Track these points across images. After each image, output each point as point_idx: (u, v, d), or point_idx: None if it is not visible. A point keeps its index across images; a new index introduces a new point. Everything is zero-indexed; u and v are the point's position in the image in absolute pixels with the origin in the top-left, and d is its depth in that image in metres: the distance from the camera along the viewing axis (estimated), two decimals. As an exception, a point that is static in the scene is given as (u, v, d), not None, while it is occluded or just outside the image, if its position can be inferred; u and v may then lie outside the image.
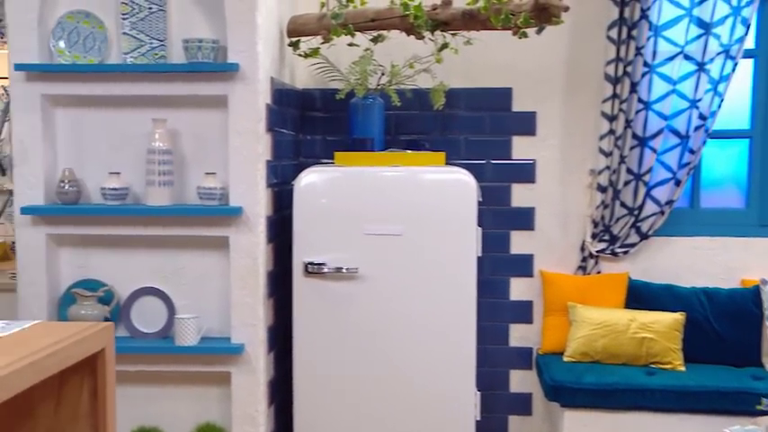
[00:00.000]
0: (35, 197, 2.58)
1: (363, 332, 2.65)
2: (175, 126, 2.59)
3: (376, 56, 2.92)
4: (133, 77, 2.54)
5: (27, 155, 2.57)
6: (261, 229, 2.56)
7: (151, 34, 2.58)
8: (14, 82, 2.57)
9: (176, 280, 2.63)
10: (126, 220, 2.57)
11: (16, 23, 2.54)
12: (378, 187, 2.62)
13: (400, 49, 2.97)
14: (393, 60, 2.97)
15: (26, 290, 2.59)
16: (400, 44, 2.94)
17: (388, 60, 2.99)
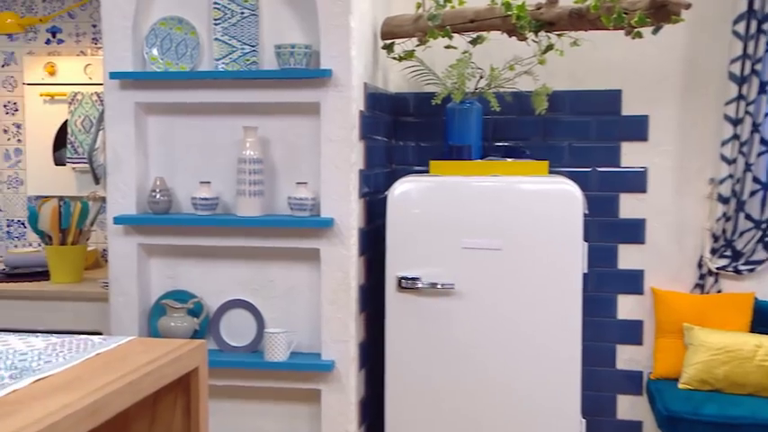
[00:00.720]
0: (127, 206, 2.66)
1: (459, 351, 2.61)
2: (266, 134, 2.63)
3: (474, 57, 2.88)
4: (224, 84, 2.59)
5: (120, 163, 2.65)
6: (353, 242, 2.56)
7: (243, 40, 2.61)
8: (109, 90, 2.65)
9: (266, 293, 2.66)
10: (216, 230, 2.62)
11: (111, 31, 2.63)
12: (476, 198, 2.58)
13: (500, 51, 2.92)
14: (492, 62, 2.92)
15: (117, 300, 2.68)
16: (500, 45, 2.89)
17: (486, 62, 2.94)
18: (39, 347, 1.61)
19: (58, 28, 3.54)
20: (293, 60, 2.52)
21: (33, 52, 3.57)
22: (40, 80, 3.54)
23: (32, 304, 3.02)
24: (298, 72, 2.52)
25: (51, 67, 3.52)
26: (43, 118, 3.55)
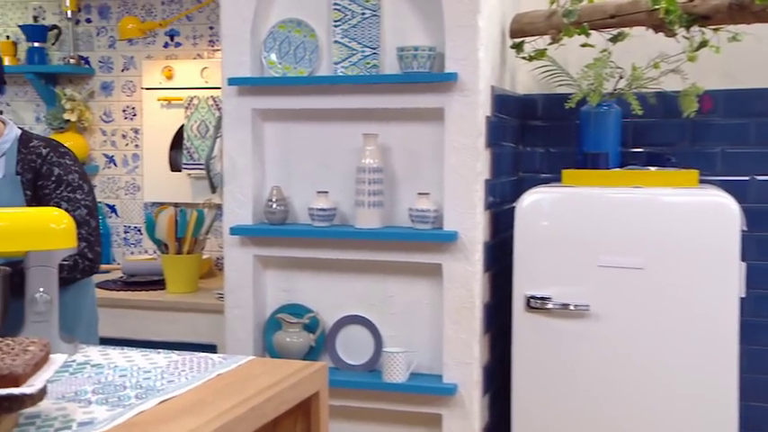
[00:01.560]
0: (244, 216, 2.71)
1: (594, 380, 2.52)
2: (386, 141, 2.62)
3: (613, 56, 2.77)
4: (344, 89, 2.60)
5: (237, 172, 2.71)
6: (477, 257, 2.52)
7: (363, 42, 2.62)
8: (226, 96, 2.72)
9: (384, 309, 2.66)
10: (333, 243, 2.63)
11: (230, 36, 2.70)
12: (614, 212, 2.48)
13: (642, 48, 2.80)
14: (634, 61, 2.80)
15: (232, 312, 2.74)
16: (643, 41, 2.77)
17: (626, 61, 2.82)
18: (161, 365, 1.72)
19: (175, 31, 3.68)
20: (416, 63, 2.51)
21: (152, 56, 3.72)
22: (157, 84, 3.67)
23: (149, 314, 3.14)
24: (421, 76, 2.51)
25: (169, 71, 3.65)
26: (160, 123, 3.68)
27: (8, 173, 2.04)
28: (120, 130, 3.80)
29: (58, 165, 2.04)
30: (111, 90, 3.79)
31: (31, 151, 2.05)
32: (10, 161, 2.05)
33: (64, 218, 1.80)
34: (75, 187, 2.03)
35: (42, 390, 1.35)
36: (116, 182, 3.81)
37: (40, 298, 1.77)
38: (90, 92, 3.80)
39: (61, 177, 2.02)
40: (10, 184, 2.03)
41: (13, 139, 2.08)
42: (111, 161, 3.81)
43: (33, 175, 2.02)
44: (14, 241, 1.76)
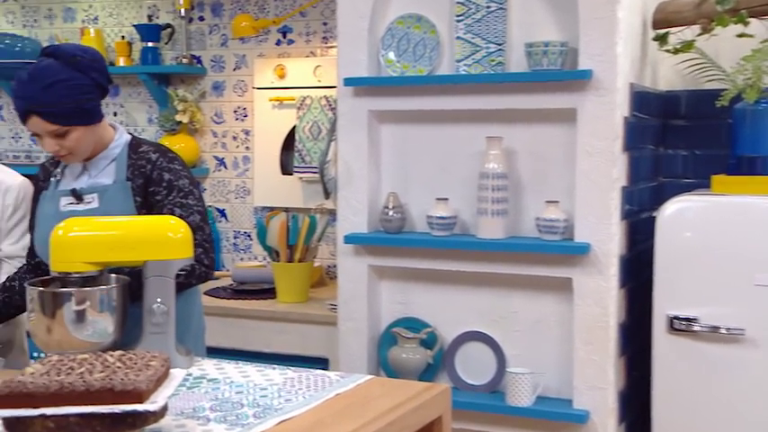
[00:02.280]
0: (358, 224, 2.72)
1: (747, 413, 2.39)
2: (512, 145, 2.58)
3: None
4: (466, 89, 2.57)
5: (352, 177, 2.72)
6: (612, 272, 2.44)
7: (488, 38, 2.58)
8: (342, 98, 2.73)
9: (507, 325, 2.61)
10: (453, 253, 2.61)
11: (346, 33, 2.71)
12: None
13: (808, 36, 2.62)
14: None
15: (346, 325, 2.75)
16: (808, 29, 2.60)
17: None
18: (277, 382, 1.76)
19: (288, 28, 3.72)
20: (546, 60, 2.44)
21: (264, 54, 3.77)
22: (269, 84, 3.72)
23: (260, 324, 3.17)
24: (552, 74, 2.44)
25: (281, 70, 3.70)
26: (271, 124, 3.73)
27: (119, 179, 2.10)
28: (230, 132, 3.88)
29: (168, 170, 2.08)
30: (223, 90, 3.87)
31: (141, 156, 2.10)
32: (120, 167, 2.11)
33: (181, 227, 1.87)
34: (186, 193, 2.07)
35: (164, 407, 1.42)
36: (226, 185, 3.89)
37: (157, 309, 1.84)
38: (201, 92, 3.89)
39: (172, 183, 2.07)
40: (121, 190, 2.08)
41: (124, 145, 2.14)
42: (222, 164, 3.89)
43: (144, 180, 2.07)
44: (133, 250, 1.83)
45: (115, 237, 1.85)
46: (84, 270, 1.82)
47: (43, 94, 1.95)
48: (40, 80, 1.96)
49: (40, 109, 1.96)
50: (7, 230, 2.36)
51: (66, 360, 1.61)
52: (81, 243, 1.83)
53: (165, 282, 1.85)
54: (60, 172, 2.17)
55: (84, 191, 2.10)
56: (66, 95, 1.97)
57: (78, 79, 1.98)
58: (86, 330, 1.81)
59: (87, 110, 2.02)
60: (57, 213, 2.08)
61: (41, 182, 2.21)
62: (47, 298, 1.81)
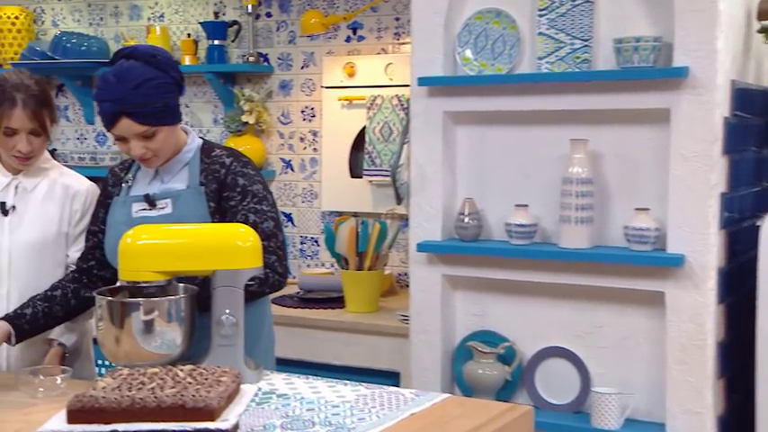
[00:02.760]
0: (432, 231, 2.69)
1: None
2: (598, 148, 2.52)
3: None
4: (548, 88, 2.53)
5: (425, 182, 2.69)
6: (710, 286, 2.36)
7: (573, 33, 2.53)
8: (416, 98, 2.71)
9: (592, 341, 2.56)
10: (533, 263, 2.56)
11: (421, 30, 2.68)
12: None
13: None
14: None
15: (418, 337, 2.73)
16: None
17: None
18: (349, 399, 1.76)
19: (358, 23, 3.71)
20: (637, 57, 2.37)
21: (333, 52, 3.77)
22: (338, 82, 3.72)
23: (328, 335, 3.18)
24: (644, 72, 2.38)
25: (351, 68, 3.69)
26: (340, 124, 3.73)
27: (192, 183, 2.12)
28: (298, 133, 3.89)
29: (242, 175, 2.09)
30: (290, 89, 3.88)
31: (214, 161, 2.13)
32: (193, 172, 2.13)
33: (250, 235, 1.88)
34: (260, 198, 2.08)
35: (236, 425, 1.44)
36: (293, 188, 3.91)
37: (226, 320, 1.85)
38: (268, 91, 3.91)
39: (246, 188, 2.08)
40: (194, 195, 2.10)
41: (196, 149, 2.17)
42: (289, 166, 3.91)
43: (217, 185, 2.08)
44: (201, 260, 1.85)
45: (183, 245, 1.86)
46: (153, 279, 1.85)
47: (133, 95, 1.99)
48: (129, 81, 2.00)
49: (131, 110, 2.00)
50: (74, 237, 2.39)
51: (136, 374, 1.66)
52: (149, 251, 1.85)
53: (234, 292, 1.86)
54: (132, 177, 2.20)
55: (158, 196, 2.12)
56: (155, 94, 2.01)
57: (162, 78, 2.03)
58: (154, 341, 1.83)
59: (172, 109, 2.07)
60: (128, 219, 2.11)
61: (110, 187, 2.25)
62: (115, 308, 1.85)
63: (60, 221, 2.37)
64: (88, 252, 2.23)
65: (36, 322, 2.18)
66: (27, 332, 2.17)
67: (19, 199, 2.36)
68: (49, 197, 2.38)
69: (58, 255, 2.37)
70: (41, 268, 2.33)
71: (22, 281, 2.30)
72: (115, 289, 1.94)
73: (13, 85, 2.27)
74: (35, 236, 2.34)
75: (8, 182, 2.37)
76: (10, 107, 2.25)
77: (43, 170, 2.40)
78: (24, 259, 2.33)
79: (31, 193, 2.37)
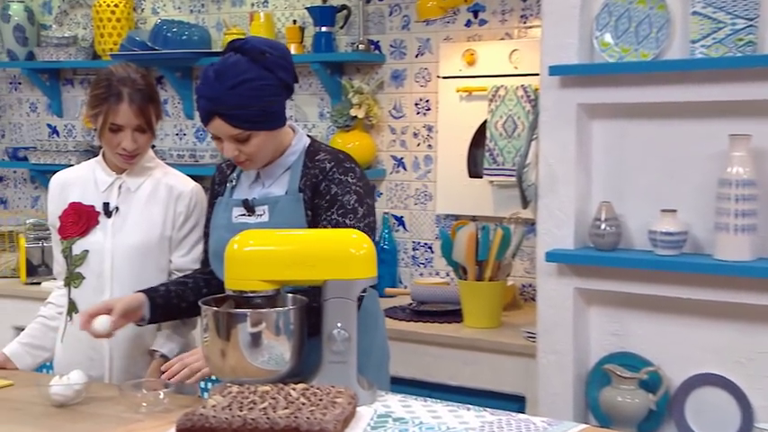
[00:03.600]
0: (563, 239, 2.64)
1: None
2: (762, 144, 2.41)
3: None
4: (703, 76, 2.44)
5: (555, 183, 2.64)
6: None
7: (735, 11, 2.42)
8: (546, 89, 2.65)
9: (755, 369, 2.46)
10: (682, 277, 2.48)
11: (553, 12, 2.62)
12: None
13: None
14: None
15: (547, 358, 2.67)
16: None
17: None
18: (473, 426, 1.73)
19: (480, 5, 3.65)
20: (813, 39, 2.21)
21: (451, 38, 3.72)
22: (456, 72, 3.67)
23: (443, 352, 3.13)
24: (820, 56, 2.23)
25: (470, 56, 3.63)
26: (458, 118, 3.68)
27: (291, 189, 2.13)
28: (411, 128, 3.86)
29: (338, 183, 2.10)
30: (403, 80, 3.85)
31: (316, 165, 2.13)
32: (294, 176, 2.14)
33: (364, 242, 1.90)
34: (347, 210, 2.08)
35: None
36: (405, 189, 3.88)
37: (338, 335, 1.86)
38: (379, 82, 3.89)
39: (336, 198, 2.08)
40: (292, 202, 2.11)
41: (301, 151, 2.17)
42: (400, 164, 3.88)
43: (312, 193, 2.10)
44: (313, 268, 1.88)
45: (293, 252, 1.89)
46: (260, 289, 1.87)
47: (229, 96, 2.01)
48: (227, 79, 2.01)
49: (224, 111, 2.02)
50: (178, 241, 2.45)
51: (246, 392, 1.70)
52: (257, 259, 1.88)
53: (347, 304, 1.88)
54: (236, 177, 2.24)
55: (256, 202, 2.16)
56: (252, 97, 2.02)
57: (265, 79, 2.03)
58: (262, 356, 1.86)
59: (272, 113, 2.07)
60: (229, 224, 2.15)
61: (217, 185, 2.28)
62: (222, 318, 1.87)
63: (164, 224, 2.43)
64: (206, 258, 2.29)
65: (169, 300, 2.23)
66: (160, 308, 2.21)
67: (122, 200, 2.44)
68: (153, 198, 2.44)
69: (161, 260, 2.43)
70: (144, 274, 2.39)
71: (124, 288, 2.36)
72: (221, 298, 1.97)
73: (120, 80, 2.34)
74: (138, 239, 2.41)
75: (111, 181, 2.46)
76: (116, 102, 2.32)
77: (147, 169, 2.47)
78: (127, 264, 2.40)
79: (134, 194, 2.44)
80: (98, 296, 2.37)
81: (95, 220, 2.44)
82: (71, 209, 2.46)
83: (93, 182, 2.47)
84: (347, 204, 2.08)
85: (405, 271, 3.86)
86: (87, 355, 2.41)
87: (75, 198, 2.47)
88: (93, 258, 2.41)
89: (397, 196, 3.89)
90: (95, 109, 2.36)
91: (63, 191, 2.50)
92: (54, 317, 2.54)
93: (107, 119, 2.33)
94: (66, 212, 2.46)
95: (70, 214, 2.46)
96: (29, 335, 2.54)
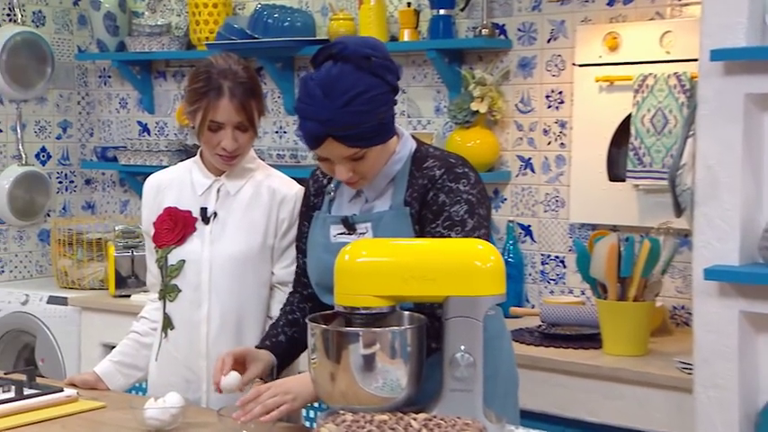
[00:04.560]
0: (725, 253, 2.51)
1: None
2: None
3: None
4: None
5: (716, 188, 2.53)
6: None
7: None
8: (706, 77, 2.53)
9: None
10: None
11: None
12: None
13: None
14: None
15: (707, 394, 2.55)
16: None
17: None
18: None
19: (626, -19, 3.61)
20: None
21: (590, 19, 3.66)
22: (596, 59, 3.61)
23: (580, 383, 3.06)
24: None
25: (613, 40, 3.56)
26: (597, 113, 3.61)
27: (396, 203, 2.14)
28: (541, 124, 3.80)
29: (447, 191, 2.10)
30: (532, 69, 3.81)
31: (424, 174, 2.13)
32: (399, 188, 2.15)
33: (491, 254, 1.90)
34: (454, 222, 2.08)
35: None
36: (532, 194, 3.84)
37: (461, 359, 1.86)
38: (504, 72, 3.83)
39: (443, 208, 2.09)
40: (398, 217, 2.12)
41: (407, 159, 2.17)
42: (528, 165, 3.84)
43: (420, 205, 2.12)
44: (433, 283, 1.87)
45: (411, 264, 1.88)
46: (374, 305, 1.88)
47: (343, 114, 2.01)
48: (337, 96, 2.01)
49: (340, 132, 2.02)
50: (281, 250, 2.47)
51: (362, 421, 1.75)
52: (370, 271, 1.88)
53: (472, 325, 1.86)
54: (334, 188, 2.26)
55: (357, 219, 2.17)
56: (369, 111, 2.03)
57: (377, 87, 2.04)
58: (375, 381, 1.87)
59: (388, 123, 2.09)
60: (327, 243, 2.18)
61: (312, 196, 2.32)
62: (331, 338, 1.90)
63: (266, 232, 2.44)
64: (300, 275, 2.35)
65: (289, 350, 2.30)
66: (285, 362, 2.31)
67: (221, 204, 2.47)
68: (255, 203, 2.46)
69: (263, 271, 2.46)
70: (244, 287, 2.44)
71: (223, 302, 2.43)
72: (330, 315, 1.99)
73: (220, 72, 2.36)
74: (239, 248, 2.44)
75: (209, 184, 2.49)
76: (216, 97, 2.34)
77: (248, 171, 2.49)
78: (227, 275, 2.44)
79: (234, 198, 2.48)
80: (195, 311, 2.42)
81: (192, 227, 2.47)
82: (166, 214, 2.49)
83: (190, 184, 2.50)
84: (455, 216, 2.08)
85: (532, 288, 3.83)
86: (184, 377, 2.45)
87: (171, 202, 2.51)
88: (189, 269, 2.45)
89: (523, 202, 3.86)
90: (194, 105, 2.38)
91: (158, 194, 2.54)
92: (147, 333, 2.58)
93: (206, 116, 2.34)
94: (161, 218, 2.49)
95: (165, 220, 2.49)
96: (121, 352, 2.59)
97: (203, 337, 2.42)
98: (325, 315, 1.98)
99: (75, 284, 4.37)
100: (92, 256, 4.41)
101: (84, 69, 4.91)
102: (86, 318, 4.17)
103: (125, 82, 4.75)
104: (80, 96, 4.89)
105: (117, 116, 4.86)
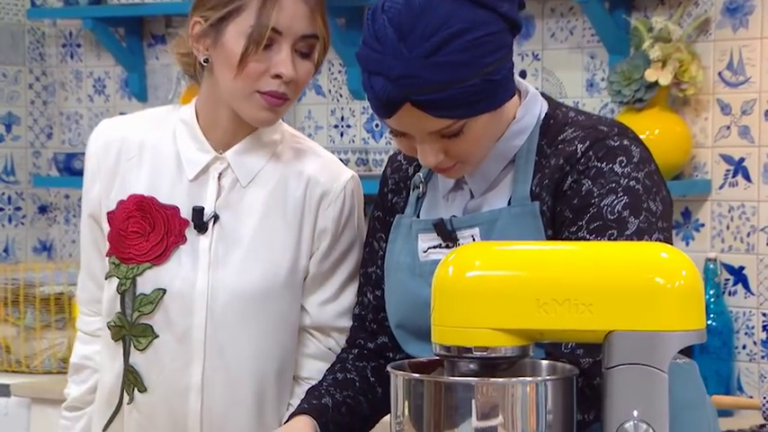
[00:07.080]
0: None
1: None
2: None
3: None
4: None
5: None
6: None
7: None
8: None
9: None
10: None
11: None
12: None
13: None
14: None
15: None
16: None
17: None
18: None
19: None
20: None
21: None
22: None
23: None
24: None
25: None
26: None
27: (518, 196, 2.09)
28: (761, 103, 3.68)
29: (595, 175, 2.02)
30: (747, 15, 3.69)
31: (560, 150, 2.06)
32: (523, 171, 2.11)
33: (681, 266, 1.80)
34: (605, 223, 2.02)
35: None
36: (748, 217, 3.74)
37: (634, 429, 1.83)
38: (701, 21, 3.72)
39: (588, 199, 2.02)
40: (522, 217, 2.08)
41: (533, 128, 2.10)
42: (740, 171, 3.75)
43: (553, 198, 2.06)
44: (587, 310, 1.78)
45: (553, 281, 1.81)
46: (493, 344, 1.84)
47: (428, 68, 1.93)
48: (420, 39, 1.92)
49: (422, 95, 1.93)
50: (320, 276, 2.33)
51: None
52: (487, 293, 1.83)
53: (652, 377, 1.80)
54: (424, 179, 2.21)
55: (458, 223, 2.13)
56: (469, 63, 1.94)
57: (486, 25, 1.95)
58: None
59: (499, 81, 1.99)
60: (414, 263, 2.15)
61: (391, 193, 2.28)
62: (428, 392, 1.85)
63: (297, 247, 2.31)
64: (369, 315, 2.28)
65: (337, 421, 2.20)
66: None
67: (225, 201, 2.30)
68: (279, 199, 2.33)
69: (290, 311, 2.33)
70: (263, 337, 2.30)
71: (228, 361, 2.29)
72: (423, 364, 1.97)
73: None
74: (257, 275, 2.29)
75: (207, 162, 2.28)
76: None
77: (270, 145, 2.33)
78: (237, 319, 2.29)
79: (246, 191, 2.31)
80: (181, 372, 2.25)
81: (179, 236, 2.27)
82: (135, 206, 2.28)
83: (175, 159, 2.29)
84: (606, 212, 2.01)
85: (748, 367, 3.72)
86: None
87: (142, 187, 2.29)
88: (173, 305, 2.26)
89: (731, 230, 3.75)
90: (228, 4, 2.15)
91: (119, 161, 2.32)
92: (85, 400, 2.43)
93: (261, 18, 2.14)
94: (126, 209, 2.28)
95: (133, 216, 2.28)
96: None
97: (194, 414, 2.26)
98: (417, 363, 1.92)
99: (21, 365, 4.28)
100: (48, 321, 4.27)
101: (39, 34, 4.77)
102: (38, 414, 4.04)
103: (102, 53, 4.56)
104: (33, 76, 4.75)
105: (89, 106, 4.68)
